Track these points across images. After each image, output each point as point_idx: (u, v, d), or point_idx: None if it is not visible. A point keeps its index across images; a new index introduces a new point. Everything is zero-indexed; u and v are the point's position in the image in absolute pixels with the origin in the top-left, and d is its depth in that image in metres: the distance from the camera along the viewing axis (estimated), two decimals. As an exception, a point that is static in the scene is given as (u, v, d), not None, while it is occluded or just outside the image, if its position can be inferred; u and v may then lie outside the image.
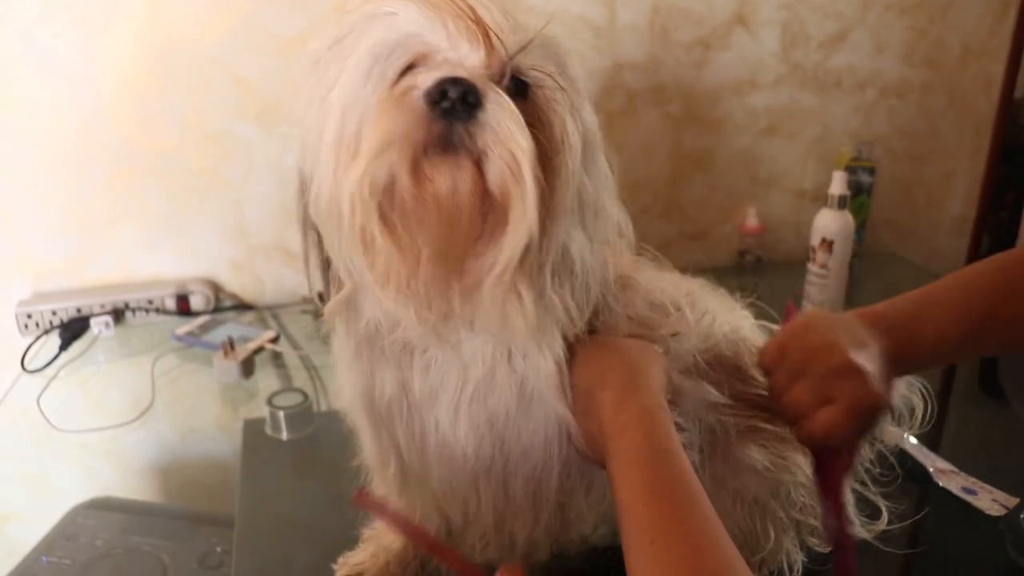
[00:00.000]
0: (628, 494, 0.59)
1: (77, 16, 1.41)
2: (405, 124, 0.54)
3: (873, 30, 1.80)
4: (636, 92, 1.71)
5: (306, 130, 0.61)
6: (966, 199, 2.04)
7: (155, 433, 1.44)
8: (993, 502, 0.97)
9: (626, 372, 0.67)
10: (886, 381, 0.69)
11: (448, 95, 0.53)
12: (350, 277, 0.64)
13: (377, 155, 0.54)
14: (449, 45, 0.57)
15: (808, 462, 0.78)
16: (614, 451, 0.63)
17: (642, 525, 0.57)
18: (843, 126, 1.87)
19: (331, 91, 0.59)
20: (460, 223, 0.57)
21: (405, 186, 0.55)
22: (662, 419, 0.64)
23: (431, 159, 0.55)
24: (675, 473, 0.60)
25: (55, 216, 1.52)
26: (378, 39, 0.58)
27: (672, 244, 1.86)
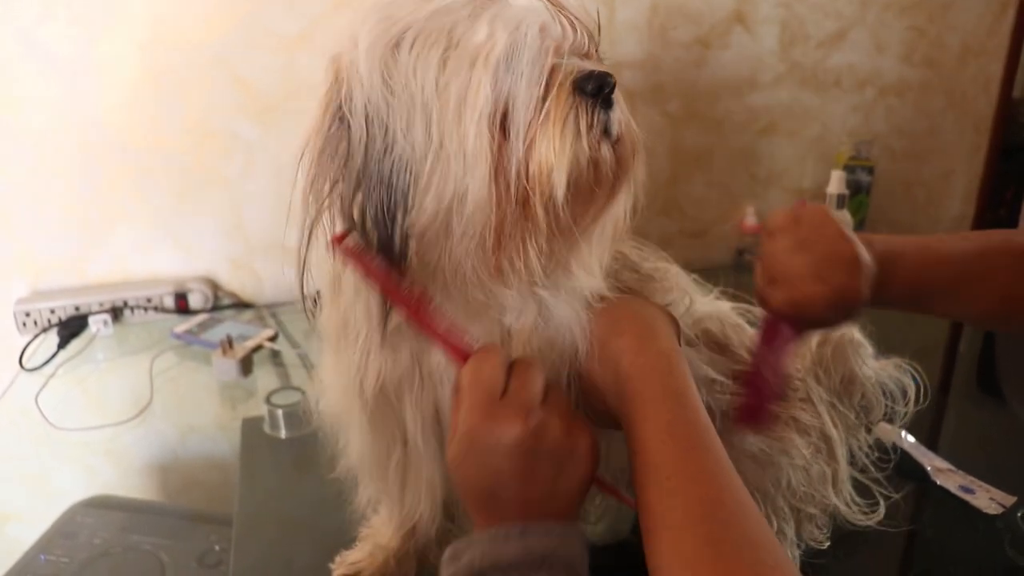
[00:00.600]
0: (644, 432, 0.60)
1: (77, 15, 1.41)
2: (585, 116, 0.60)
3: (872, 29, 1.80)
4: (635, 91, 1.71)
5: (411, 113, 0.59)
6: (965, 197, 2.04)
7: (154, 431, 1.43)
8: (991, 501, 0.97)
9: (642, 321, 0.69)
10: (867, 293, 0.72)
11: (603, 89, 0.60)
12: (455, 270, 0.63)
13: (572, 149, 0.60)
14: (563, 36, 0.61)
15: (759, 340, 0.79)
16: (631, 394, 0.63)
17: (658, 461, 0.58)
18: (842, 125, 1.88)
19: (457, 79, 0.58)
20: (605, 196, 0.65)
21: (583, 171, 0.61)
22: (678, 362, 0.65)
23: (597, 143, 0.62)
24: (691, 415, 0.61)
25: (54, 214, 1.52)
26: (517, 28, 0.58)
27: (671, 242, 1.86)
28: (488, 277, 0.63)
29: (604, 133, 0.62)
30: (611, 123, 0.62)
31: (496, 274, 0.63)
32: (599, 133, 0.61)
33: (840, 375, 0.92)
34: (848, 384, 0.94)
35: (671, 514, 0.55)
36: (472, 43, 0.58)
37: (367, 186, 0.61)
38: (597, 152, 0.62)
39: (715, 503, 0.55)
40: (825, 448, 0.86)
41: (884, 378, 0.98)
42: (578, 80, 0.60)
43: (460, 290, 0.65)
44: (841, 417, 0.91)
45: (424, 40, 0.59)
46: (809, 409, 0.86)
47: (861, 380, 0.94)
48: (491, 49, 0.58)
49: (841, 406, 0.91)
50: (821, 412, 0.87)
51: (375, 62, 0.59)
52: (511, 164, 0.59)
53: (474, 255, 0.62)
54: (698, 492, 0.56)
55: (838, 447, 0.88)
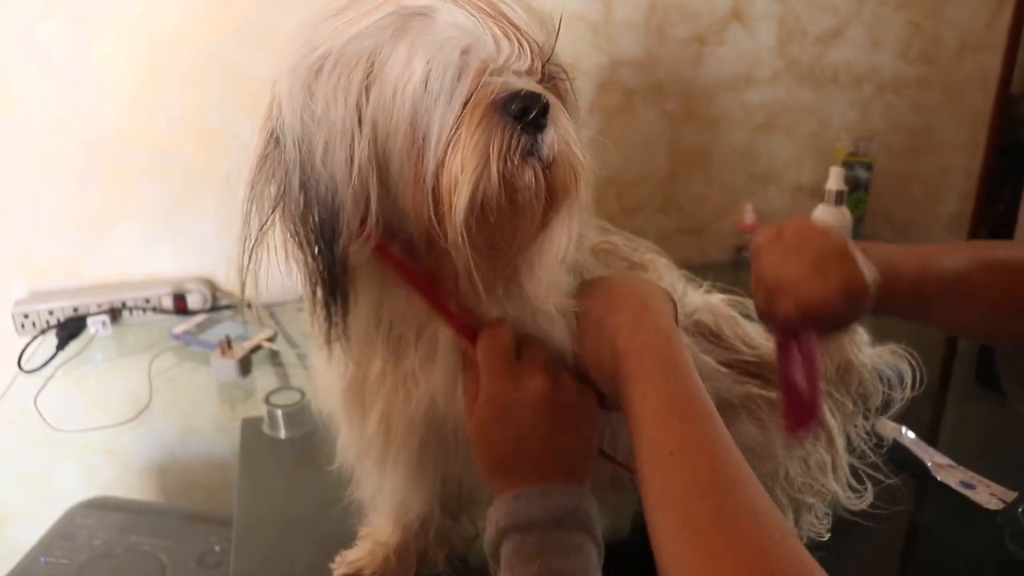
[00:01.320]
0: (644, 407, 0.61)
1: (74, 14, 1.41)
2: (498, 139, 0.58)
3: (869, 25, 1.80)
4: (633, 89, 1.71)
5: (330, 139, 0.59)
6: (963, 194, 2.04)
7: (153, 432, 1.43)
8: (991, 496, 0.97)
9: (637, 298, 0.69)
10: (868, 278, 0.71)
11: (529, 111, 0.57)
12: (384, 287, 0.65)
13: (479, 173, 0.58)
14: (497, 51, 0.59)
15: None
16: (628, 370, 0.63)
17: (660, 436, 0.58)
18: (840, 121, 1.88)
19: (379, 106, 0.58)
20: (531, 220, 0.63)
21: (495, 196, 0.59)
22: (675, 338, 0.65)
23: (514, 167, 0.59)
24: (690, 389, 0.61)
25: (52, 215, 1.52)
26: (435, 54, 0.57)
27: (669, 240, 1.85)
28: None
29: (530, 155, 0.59)
30: (539, 146, 0.59)
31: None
32: (519, 156, 0.59)
33: (836, 364, 0.92)
34: (845, 373, 0.93)
35: (675, 488, 0.56)
36: (392, 72, 0.57)
37: (306, 206, 0.60)
38: (517, 176, 0.59)
39: (718, 475, 0.56)
40: (823, 436, 0.86)
41: (881, 365, 0.97)
42: (500, 101, 0.57)
43: (407, 299, 0.66)
44: (839, 405, 0.90)
45: (344, 65, 0.58)
46: None
47: (857, 368, 0.94)
48: (408, 79, 0.57)
49: (838, 394, 0.91)
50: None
51: (297, 87, 0.59)
52: (425, 188, 0.59)
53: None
54: (701, 464, 0.56)
55: (836, 435, 0.88)
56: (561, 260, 0.65)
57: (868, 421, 0.97)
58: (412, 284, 0.66)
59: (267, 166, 0.62)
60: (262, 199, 0.62)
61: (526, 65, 0.60)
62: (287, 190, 0.61)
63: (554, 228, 0.64)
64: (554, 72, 0.64)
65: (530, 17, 0.61)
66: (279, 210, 0.62)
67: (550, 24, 0.64)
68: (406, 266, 0.65)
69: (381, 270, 0.64)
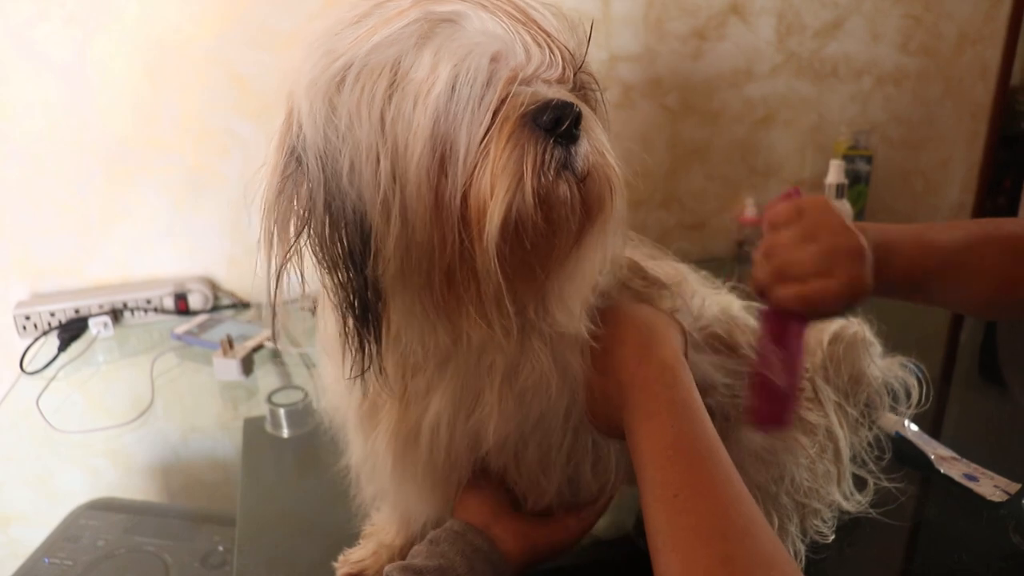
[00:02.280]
0: (649, 447, 0.59)
1: (69, 15, 1.40)
2: (532, 155, 0.54)
3: (868, 18, 1.80)
4: (632, 84, 1.70)
5: (356, 156, 0.55)
6: (964, 185, 2.04)
7: (156, 432, 1.43)
8: (995, 488, 0.97)
9: (644, 330, 0.68)
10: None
11: (561, 122, 0.54)
12: (415, 313, 0.61)
13: (512, 193, 0.54)
14: (527, 60, 0.56)
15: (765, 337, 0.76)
16: (634, 405, 0.62)
17: (665, 478, 0.57)
18: (840, 114, 1.87)
19: (400, 116, 0.54)
20: (567, 237, 0.59)
21: (530, 214, 0.55)
22: (682, 373, 0.64)
23: (550, 183, 0.56)
24: (696, 427, 0.60)
25: (52, 217, 1.52)
26: (462, 60, 0.54)
27: (671, 235, 1.86)
28: (445, 319, 0.60)
29: (564, 169, 0.56)
30: (573, 158, 0.56)
31: (451, 316, 0.60)
32: (553, 171, 0.55)
33: (848, 374, 0.92)
34: (855, 383, 0.93)
35: (681, 533, 0.54)
36: (415, 78, 0.53)
37: (332, 228, 0.56)
38: (552, 191, 0.56)
39: (725, 520, 0.54)
40: (831, 447, 0.86)
41: (890, 377, 0.98)
42: (531, 112, 0.54)
43: (431, 330, 0.62)
44: (846, 416, 0.90)
45: (368, 76, 0.54)
46: (816, 408, 0.85)
47: (868, 379, 0.94)
48: (432, 84, 0.53)
49: (847, 404, 0.91)
50: (828, 412, 0.87)
51: (319, 101, 0.55)
52: (452, 207, 0.55)
53: (426, 297, 0.58)
54: (707, 509, 0.55)
55: (843, 447, 0.88)
56: (595, 279, 0.62)
57: (872, 432, 0.97)
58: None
59: (288, 186, 0.58)
60: (286, 222, 0.59)
61: (557, 73, 0.57)
62: (312, 211, 0.57)
63: (587, 245, 0.61)
64: (585, 81, 0.62)
65: (560, 23, 0.59)
66: (304, 233, 0.58)
67: (581, 30, 0.61)
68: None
69: (409, 295, 0.60)
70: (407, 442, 0.71)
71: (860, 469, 0.94)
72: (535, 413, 0.69)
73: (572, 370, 0.68)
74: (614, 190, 0.59)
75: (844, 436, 0.88)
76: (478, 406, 0.68)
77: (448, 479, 0.74)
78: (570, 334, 0.66)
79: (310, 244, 0.58)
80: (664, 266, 0.82)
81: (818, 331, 0.93)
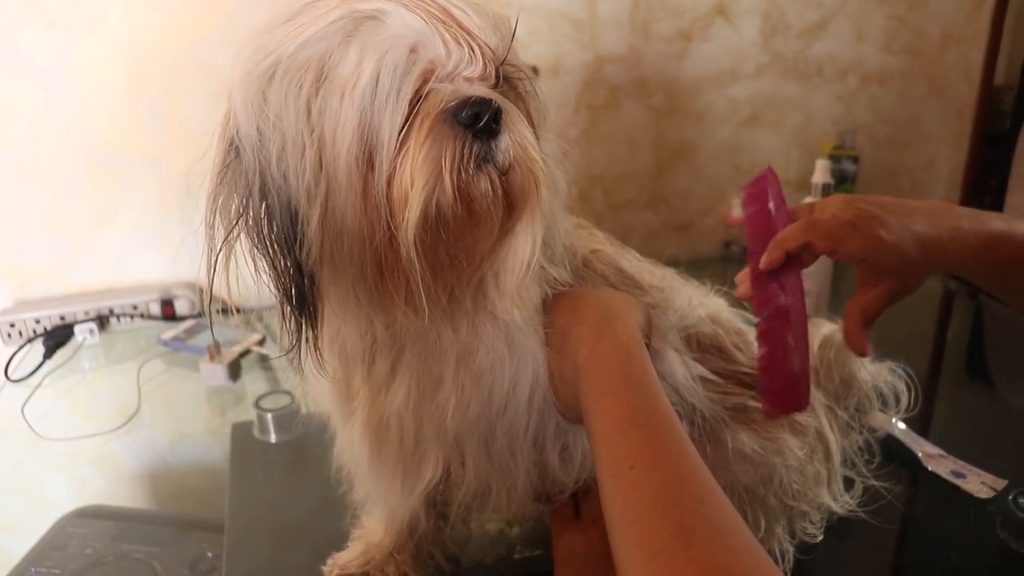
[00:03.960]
0: (604, 422, 0.59)
1: (53, 19, 1.39)
2: (450, 149, 0.56)
3: (853, 18, 1.81)
4: (618, 85, 1.70)
5: (284, 152, 0.57)
6: (950, 184, 2.05)
7: (143, 439, 1.43)
8: (982, 485, 0.97)
9: (602, 309, 0.68)
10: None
11: (480, 118, 0.56)
12: (349, 298, 0.63)
13: (431, 185, 0.56)
14: (447, 56, 0.58)
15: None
16: (589, 384, 0.63)
17: (620, 452, 0.57)
18: (825, 114, 1.88)
19: (327, 110, 0.56)
20: (490, 229, 0.61)
21: (449, 207, 0.58)
22: (637, 351, 0.64)
23: (469, 176, 0.58)
24: (652, 402, 0.60)
25: (36, 222, 1.51)
26: (383, 53, 0.56)
27: (657, 235, 1.86)
28: (379, 309, 0.62)
29: (485, 163, 0.58)
30: (494, 152, 0.58)
31: (385, 304, 0.61)
32: (473, 165, 0.57)
33: (839, 377, 0.93)
34: (845, 387, 0.94)
35: (636, 506, 0.54)
36: (342, 73, 0.56)
37: (267, 215, 0.59)
38: (472, 185, 0.58)
39: (680, 491, 0.53)
40: (821, 449, 0.86)
41: (879, 382, 0.99)
42: (451, 109, 0.56)
43: (367, 320, 0.64)
44: (836, 419, 0.91)
45: (296, 70, 0.57)
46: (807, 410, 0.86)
47: (859, 383, 0.95)
48: (358, 78, 0.56)
49: (837, 408, 0.92)
50: (819, 414, 0.87)
51: (252, 94, 0.58)
52: (378, 198, 0.57)
53: (361, 288, 0.61)
54: (663, 480, 0.54)
55: (834, 450, 0.88)
56: (527, 268, 0.63)
57: (862, 436, 0.98)
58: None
59: (228, 176, 0.61)
60: (226, 210, 0.61)
61: (478, 70, 0.59)
62: (249, 199, 0.59)
63: (517, 235, 0.62)
64: (511, 74, 0.63)
65: (483, 21, 0.60)
66: (242, 220, 0.60)
67: (505, 26, 0.62)
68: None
69: (343, 284, 0.62)
70: (378, 431, 0.72)
71: (849, 470, 0.95)
72: (497, 396, 0.70)
73: (532, 353, 0.69)
74: (539, 182, 0.61)
75: (835, 439, 0.88)
76: (440, 390, 0.70)
77: (419, 469, 0.75)
78: (516, 322, 0.67)
79: (248, 231, 0.60)
80: (649, 268, 0.82)
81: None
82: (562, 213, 0.71)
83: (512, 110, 0.60)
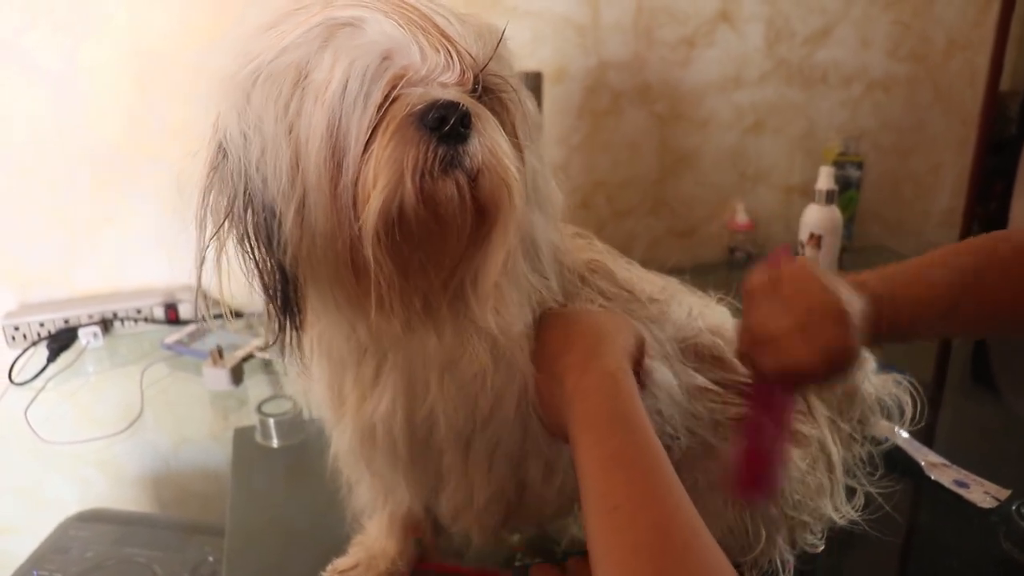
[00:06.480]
0: (590, 459, 0.59)
1: (59, 23, 1.40)
2: (413, 152, 0.56)
3: (858, 24, 1.81)
4: (621, 91, 1.71)
5: (264, 154, 0.59)
6: (954, 191, 2.05)
7: (146, 443, 1.43)
8: (985, 494, 0.97)
9: (590, 336, 0.67)
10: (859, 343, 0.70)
11: (447, 121, 0.55)
12: (328, 301, 0.64)
13: (392, 188, 0.56)
14: (422, 61, 0.58)
15: (750, 394, 0.78)
16: (575, 416, 0.62)
17: (604, 490, 0.56)
18: (829, 121, 1.88)
19: (302, 113, 0.57)
20: (458, 234, 0.61)
21: (413, 209, 0.57)
22: (624, 383, 0.63)
23: (434, 180, 0.57)
24: (637, 438, 0.59)
25: (41, 225, 1.51)
26: (355, 58, 0.56)
27: (661, 242, 1.86)
28: (358, 309, 0.62)
29: (453, 168, 0.57)
30: (461, 157, 0.57)
31: (363, 307, 0.61)
32: (439, 169, 0.57)
33: (843, 389, 0.92)
34: (849, 399, 0.94)
35: (619, 551, 0.53)
36: (317, 78, 0.57)
37: (251, 214, 0.60)
38: (438, 189, 0.57)
39: (665, 533, 0.53)
40: (824, 460, 0.86)
41: (883, 394, 0.98)
42: (418, 112, 0.56)
43: (349, 323, 0.65)
44: (839, 431, 0.91)
45: (276, 77, 0.58)
46: (807, 420, 0.85)
47: (862, 395, 0.94)
48: (329, 82, 0.56)
49: (840, 420, 0.91)
50: (822, 426, 0.87)
51: (236, 98, 0.59)
52: (345, 200, 0.57)
53: (339, 291, 0.61)
54: (647, 524, 0.53)
55: (836, 462, 0.88)
56: (498, 275, 0.63)
57: (864, 448, 0.97)
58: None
59: (216, 176, 0.62)
60: (216, 209, 0.62)
61: (455, 77, 0.59)
62: (234, 199, 0.60)
63: (490, 243, 0.62)
64: (494, 84, 0.63)
65: (465, 28, 0.60)
66: (229, 219, 0.61)
67: (489, 35, 0.62)
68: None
69: (322, 286, 0.63)
70: (365, 437, 0.72)
71: (851, 480, 0.94)
72: (482, 406, 0.70)
73: (519, 368, 0.69)
74: (511, 189, 0.60)
75: (837, 450, 0.88)
76: (426, 398, 0.70)
77: (411, 476, 0.75)
78: (513, 331, 0.67)
79: (233, 230, 0.62)
80: (651, 279, 0.82)
81: None
82: (554, 224, 0.71)
83: (485, 115, 0.59)
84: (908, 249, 1.96)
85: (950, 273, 0.74)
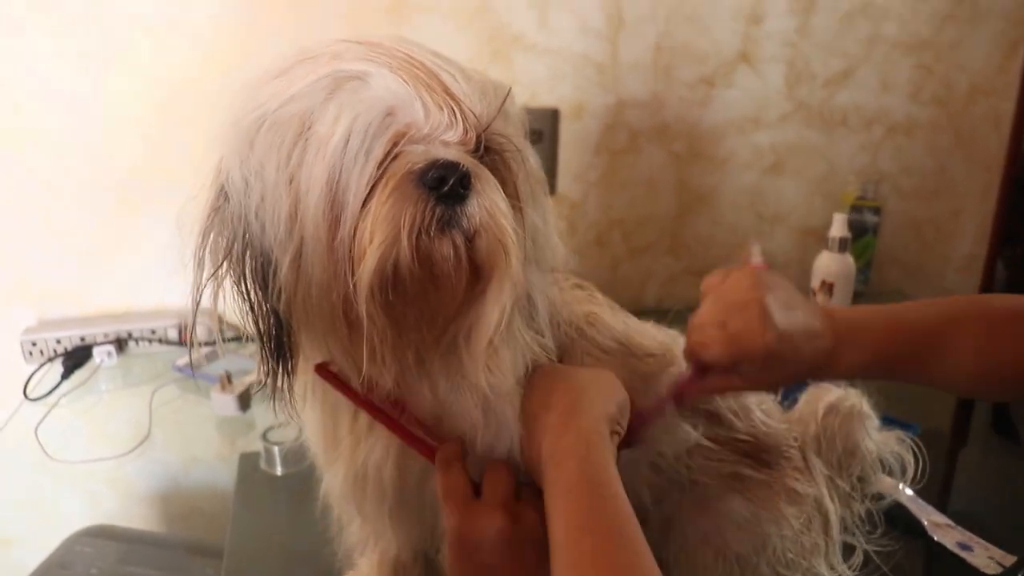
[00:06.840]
0: (558, 527, 0.59)
1: (84, 51, 1.43)
2: (410, 211, 0.56)
3: (879, 68, 1.80)
4: (639, 130, 1.71)
5: (263, 201, 0.60)
6: (977, 236, 2.02)
7: (154, 462, 1.44)
8: (989, 559, 0.95)
9: (571, 395, 0.67)
10: (792, 356, 0.72)
11: (446, 181, 0.56)
12: (321, 349, 0.65)
13: (388, 245, 0.56)
14: (426, 119, 0.59)
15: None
16: (548, 480, 0.63)
17: (571, 560, 0.57)
18: (849, 164, 1.87)
19: (303, 164, 0.58)
20: (452, 293, 0.61)
21: (408, 268, 0.58)
22: (598, 446, 0.63)
23: (431, 239, 0.58)
24: (606, 505, 0.59)
25: (61, 245, 1.54)
26: (359, 113, 0.57)
27: (677, 281, 1.85)
28: (350, 360, 0.63)
29: (450, 227, 0.58)
30: (459, 217, 0.58)
31: (356, 358, 0.62)
32: (436, 228, 0.57)
33: (843, 446, 0.92)
34: (849, 456, 0.93)
35: None
36: (320, 130, 0.57)
37: (248, 259, 0.61)
38: (434, 248, 0.58)
39: None
40: (819, 519, 0.85)
41: (885, 452, 0.97)
42: (418, 171, 0.56)
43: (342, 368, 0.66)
44: (837, 489, 0.89)
45: (280, 126, 0.58)
46: (804, 478, 0.85)
47: (863, 452, 0.93)
48: (331, 135, 0.57)
49: (839, 478, 0.90)
50: (819, 484, 0.86)
51: (240, 144, 0.60)
52: (341, 253, 0.58)
53: (333, 341, 0.62)
54: None
55: (834, 520, 0.87)
56: (494, 336, 0.63)
57: (864, 505, 0.96)
58: (367, 409, 0.67)
59: (217, 218, 0.63)
60: (215, 250, 0.64)
61: (458, 135, 0.59)
62: (233, 242, 0.62)
63: (485, 302, 0.62)
64: (497, 143, 0.63)
65: (471, 87, 0.61)
66: (227, 261, 0.63)
67: (494, 93, 0.63)
68: (345, 386, 0.67)
69: (316, 336, 0.64)
70: (356, 483, 0.73)
71: (850, 537, 0.93)
72: (476, 455, 0.70)
73: (508, 425, 0.70)
74: (508, 250, 0.60)
75: (834, 509, 0.87)
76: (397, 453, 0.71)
77: (402, 523, 0.76)
78: (504, 388, 0.67)
79: (232, 272, 0.63)
80: (652, 333, 0.82)
81: (813, 403, 0.92)
82: (549, 281, 0.72)
83: (485, 176, 0.60)
84: (926, 295, 1.94)
85: (926, 315, 0.76)
